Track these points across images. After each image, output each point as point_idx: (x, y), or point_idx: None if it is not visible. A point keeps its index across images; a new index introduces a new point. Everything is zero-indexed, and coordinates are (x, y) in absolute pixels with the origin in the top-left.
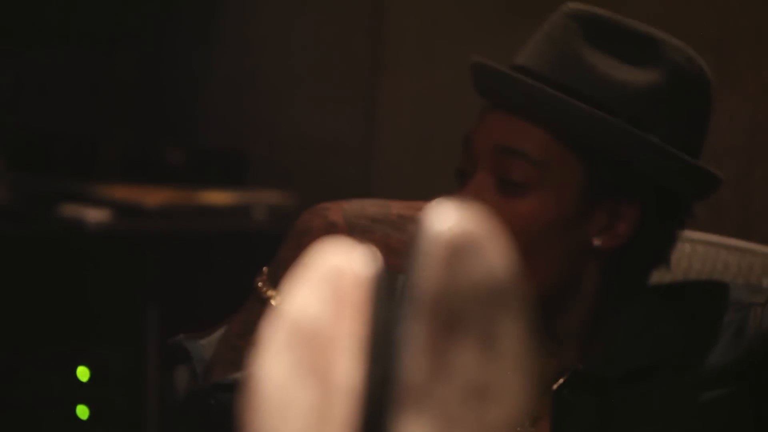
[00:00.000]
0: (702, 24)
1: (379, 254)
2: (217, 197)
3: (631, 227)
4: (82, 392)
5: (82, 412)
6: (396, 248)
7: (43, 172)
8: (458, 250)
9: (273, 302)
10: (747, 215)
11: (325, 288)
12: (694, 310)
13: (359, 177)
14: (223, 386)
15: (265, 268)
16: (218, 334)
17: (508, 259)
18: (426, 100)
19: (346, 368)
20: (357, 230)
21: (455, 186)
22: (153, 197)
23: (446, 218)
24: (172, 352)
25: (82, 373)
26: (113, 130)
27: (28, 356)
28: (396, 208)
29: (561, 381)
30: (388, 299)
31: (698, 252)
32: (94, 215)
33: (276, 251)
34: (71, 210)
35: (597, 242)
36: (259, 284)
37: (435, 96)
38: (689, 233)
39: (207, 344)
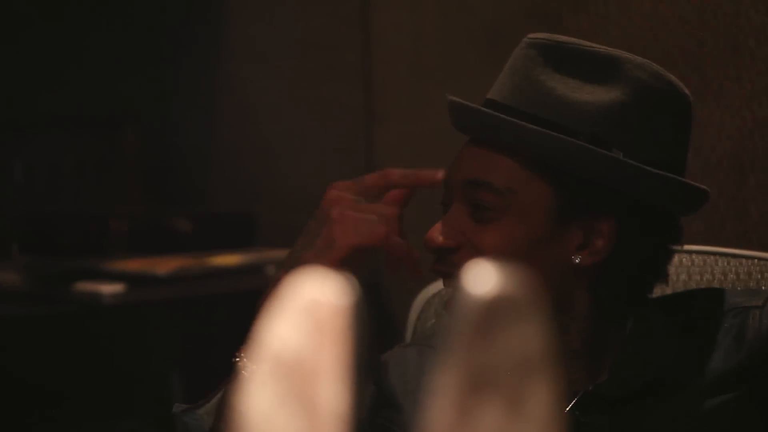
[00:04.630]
0: (682, 43)
1: (355, 282)
2: (228, 259)
3: (608, 242)
4: None
5: None
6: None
7: (55, 253)
8: (497, 313)
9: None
10: (744, 225)
11: (305, 320)
12: (694, 320)
13: None
14: None
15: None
16: (216, 399)
17: (544, 326)
18: (420, 145)
19: (332, 395)
20: None
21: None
22: (164, 266)
23: (489, 278)
24: (173, 425)
25: None
26: (122, 206)
27: None
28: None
29: (572, 403)
30: (365, 325)
31: (696, 263)
32: (109, 289)
33: None
34: (86, 286)
35: (576, 260)
36: (237, 360)
37: (428, 140)
38: (687, 246)
39: (205, 413)
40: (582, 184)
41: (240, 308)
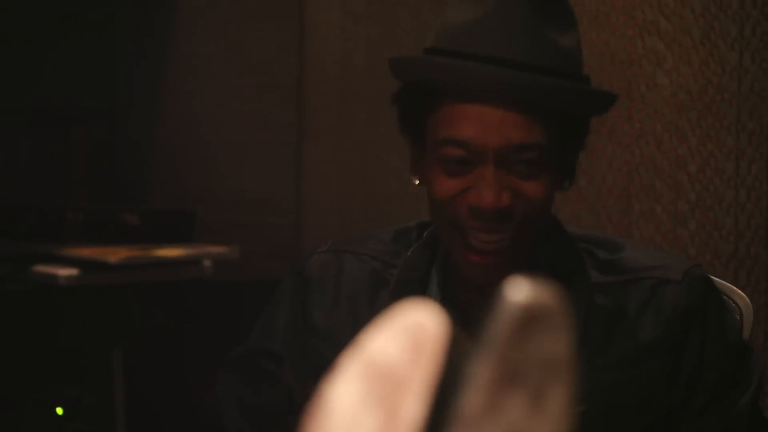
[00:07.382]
0: None
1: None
2: (170, 252)
3: (578, 169)
4: (59, 427)
5: None
6: None
7: (17, 237)
8: (534, 317)
9: None
10: None
11: (406, 337)
12: (622, 284)
13: (291, 230)
14: None
15: None
16: None
17: (570, 337)
18: (343, 159)
19: (414, 407)
20: None
21: (452, 172)
22: (115, 254)
23: (527, 289)
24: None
25: (60, 411)
26: (76, 199)
27: (12, 398)
28: None
29: None
30: (458, 358)
31: None
32: (65, 272)
33: (220, 298)
34: (44, 269)
35: (566, 186)
36: None
37: (351, 156)
38: None
39: None
40: (573, 123)
41: (177, 295)
